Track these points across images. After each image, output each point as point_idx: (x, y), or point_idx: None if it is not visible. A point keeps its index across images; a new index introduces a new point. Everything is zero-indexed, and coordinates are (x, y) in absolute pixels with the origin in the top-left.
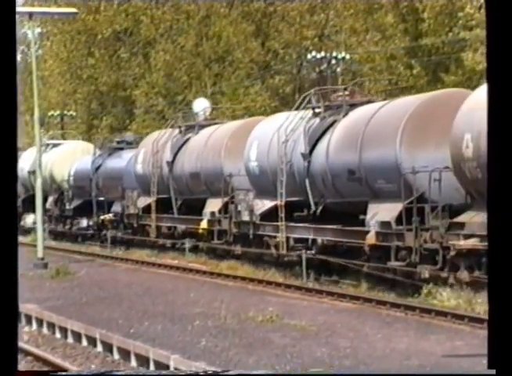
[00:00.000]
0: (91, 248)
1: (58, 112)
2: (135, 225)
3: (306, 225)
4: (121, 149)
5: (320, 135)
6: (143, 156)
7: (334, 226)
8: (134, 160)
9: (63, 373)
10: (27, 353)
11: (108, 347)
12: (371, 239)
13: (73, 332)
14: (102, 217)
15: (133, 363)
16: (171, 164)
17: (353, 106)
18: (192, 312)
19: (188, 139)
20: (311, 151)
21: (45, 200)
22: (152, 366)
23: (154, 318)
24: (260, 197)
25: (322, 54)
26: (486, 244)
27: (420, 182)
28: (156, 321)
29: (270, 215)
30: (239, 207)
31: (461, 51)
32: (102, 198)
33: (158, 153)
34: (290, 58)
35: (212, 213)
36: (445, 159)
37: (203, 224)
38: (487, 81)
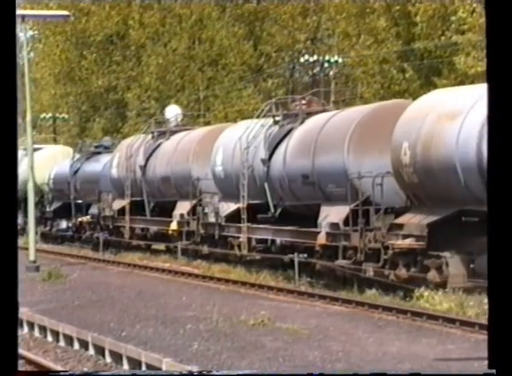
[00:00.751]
0: (83, 251)
1: (50, 115)
2: (111, 226)
3: (266, 226)
4: (99, 153)
5: (278, 142)
6: (118, 160)
7: (291, 228)
8: (109, 164)
9: (63, 373)
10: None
11: (100, 350)
12: (321, 239)
13: (64, 335)
14: (80, 219)
15: (125, 366)
16: (143, 168)
17: (309, 114)
18: (185, 315)
19: (159, 145)
20: (270, 157)
21: (25, 202)
22: (144, 369)
23: (146, 321)
24: (225, 200)
25: (315, 57)
26: (422, 243)
27: (365, 187)
28: (148, 324)
29: (234, 216)
30: (206, 210)
31: (453, 55)
32: (80, 201)
33: (132, 157)
34: (283, 61)
35: (181, 215)
36: (388, 165)
37: (173, 225)
38: (487, 81)
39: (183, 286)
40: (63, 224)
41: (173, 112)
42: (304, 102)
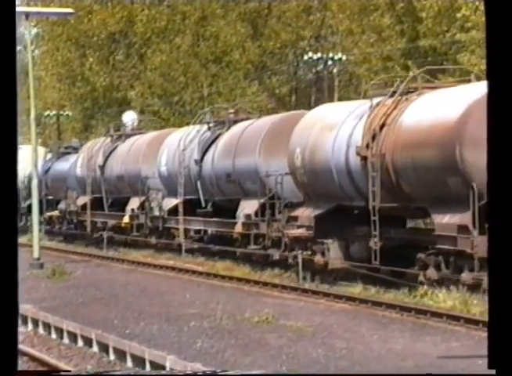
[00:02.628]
0: (87, 249)
1: (54, 112)
2: (75, 220)
3: (198, 218)
4: (68, 153)
5: (209, 145)
6: (81, 160)
7: (216, 219)
8: (75, 164)
9: (64, 373)
10: (23, 353)
11: (104, 347)
12: (238, 228)
13: (68, 332)
14: (49, 214)
15: (129, 363)
16: (102, 168)
17: (235, 121)
18: (188, 312)
19: (116, 147)
20: (202, 158)
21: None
22: (148, 367)
23: (150, 319)
24: (169, 196)
25: (319, 55)
26: (310, 232)
27: (272, 184)
28: (152, 322)
29: (176, 210)
30: (152, 204)
31: (458, 53)
32: (50, 197)
33: (92, 158)
34: (287, 59)
35: (132, 210)
36: None
37: (126, 219)
38: (487, 81)
39: (187, 283)
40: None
41: (130, 117)
42: (232, 110)
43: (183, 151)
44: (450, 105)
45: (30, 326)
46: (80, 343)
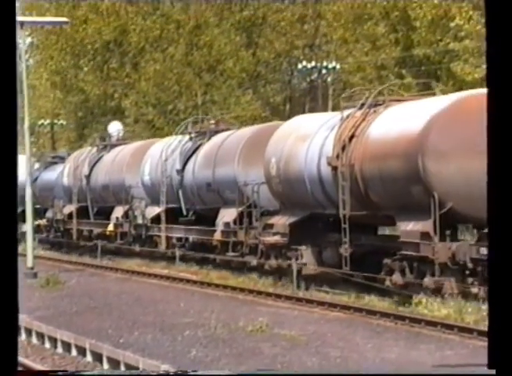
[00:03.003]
0: (81, 258)
1: (48, 121)
2: (62, 228)
3: (180, 226)
4: (55, 163)
5: (191, 155)
6: (68, 170)
7: (197, 227)
8: (61, 173)
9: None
10: None
11: (98, 357)
12: (217, 236)
13: (62, 342)
14: (36, 222)
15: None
16: (88, 177)
17: (216, 132)
18: (183, 321)
19: (101, 157)
20: (183, 168)
21: None
22: None
23: (144, 328)
24: (152, 205)
25: (313, 64)
26: (285, 239)
27: (250, 193)
28: (146, 331)
29: (159, 218)
30: (136, 213)
31: (451, 61)
32: (38, 206)
33: (78, 167)
34: (281, 67)
35: (117, 218)
36: None
37: (110, 227)
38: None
39: (181, 292)
40: (24, 227)
41: (115, 128)
42: (212, 121)
43: (165, 161)
44: (413, 118)
45: (23, 335)
46: (74, 352)
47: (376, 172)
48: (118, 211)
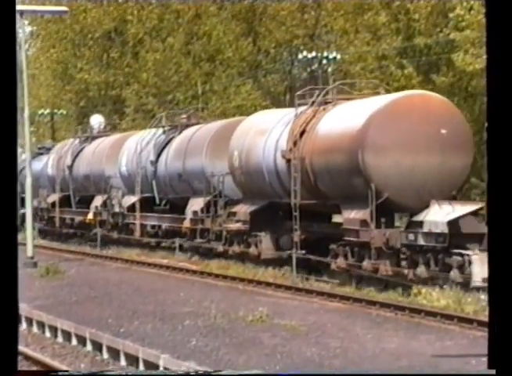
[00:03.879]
0: (80, 247)
1: (48, 110)
2: (46, 217)
3: (153, 214)
4: (41, 154)
5: (163, 148)
6: (52, 161)
7: (168, 215)
8: (46, 163)
9: (63, 373)
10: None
11: (98, 346)
12: (186, 223)
13: (62, 331)
14: (22, 211)
15: (123, 362)
16: (70, 167)
17: (187, 126)
18: (183, 311)
19: (83, 148)
20: (157, 159)
21: None
22: (141, 366)
23: (144, 317)
24: (128, 194)
25: (313, 54)
26: (246, 226)
27: (216, 183)
28: (146, 320)
29: (135, 207)
30: (113, 202)
31: (452, 52)
32: (24, 195)
33: (62, 158)
34: (281, 57)
35: (96, 207)
36: None
37: (90, 215)
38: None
39: (181, 282)
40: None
41: (96, 120)
42: (184, 116)
43: (140, 153)
44: (355, 116)
45: (24, 325)
46: (74, 342)
47: (324, 165)
48: (98, 200)
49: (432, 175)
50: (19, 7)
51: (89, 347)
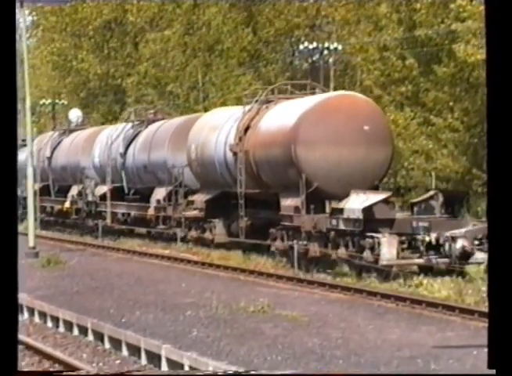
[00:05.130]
0: (82, 238)
1: (49, 101)
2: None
3: (123, 203)
4: (25, 146)
5: (131, 141)
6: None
7: (135, 204)
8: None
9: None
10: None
11: (99, 336)
12: (150, 211)
13: (64, 321)
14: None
15: (124, 352)
16: (49, 158)
17: (153, 121)
18: (184, 302)
19: (61, 140)
20: (125, 152)
21: None
22: (143, 356)
23: (146, 308)
24: (101, 184)
25: (315, 45)
26: (202, 213)
27: (177, 174)
28: (147, 311)
29: (106, 196)
30: (87, 191)
31: (453, 42)
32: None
33: (41, 150)
34: (282, 47)
35: (72, 196)
36: None
37: (67, 204)
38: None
39: (182, 272)
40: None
41: (75, 114)
42: (151, 111)
43: (111, 146)
44: (290, 114)
45: (25, 314)
46: (75, 332)
47: (264, 158)
48: (74, 190)
49: (357, 166)
50: None
51: (91, 337)
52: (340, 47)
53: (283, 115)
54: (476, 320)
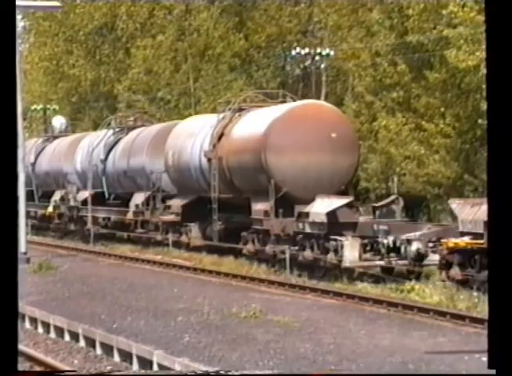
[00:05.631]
0: (74, 243)
1: (41, 106)
2: None
3: (103, 207)
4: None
5: (112, 147)
6: None
7: (115, 208)
8: None
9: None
10: None
11: (91, 342)
12: (129, 215)
13: (55, 327)
14: None
15: (116, 358)
16: (33, 164)
17: (133, 128)
18: (176, 307)
19: (45, 147)
20: (106, 158)
21: None
22: (135, 362)
23: (137, 313)
24: (82, 189)
25: (306, 50)
26: (179, 217)
27: (155, 179)
28: (139, 316)
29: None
30: (69, 196)
31: (445, 48)
32: None
33: (26, 156)
34: (274, 52)
35: (55, 201)
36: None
37: (50, 209)
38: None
39: (174, 278)
40: None
41: (58, 121)
42: (131, 119)
43: (92, 152)
44: (261, 121)
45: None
46: (67, 338)
47: (237, 164)
48: (57, 195)
49: (324, 172)
50: None
51: (82, 343)
52: (332, 53)
53: (254, 123)
54: (467, 326)
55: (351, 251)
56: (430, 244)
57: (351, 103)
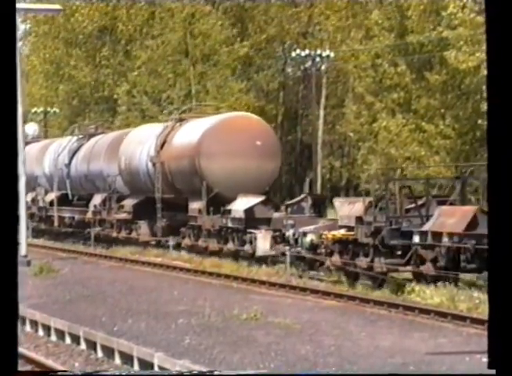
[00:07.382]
0: (74, 246)
1: (41, 109)
2: None
3: (68, 208)
4: None
5: (75, 152)
6: None
7: (77, 208)
8: None
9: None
10: None
11: (92, 345)
12: (89, 215)
13: (56, 330)
14: None
15: (117, 360)
16: None
17: (94, 135)
18: (176, 309)
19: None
20: (70, 162)
21: None
22: (136, 364)
23: (138, 316)
24: (50, 191)
25: (307, 52)
26: (130, 216)
27: (111, 182)
28: (140, 319)
29: (57, 201)
30: (39, 198)
31: (445, 50)
32: None
33: None
34: (275, 54)
35: (27, 202)
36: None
37: None
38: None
39: (175, 280)
40: None
41: (32, 128)
42: (92, 126)
43: (58, 157)
44: (196, 130)
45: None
46: (68, 340)
47: (176, 168)
48: (28, 197)
49: (250, 175)
50: None
51: (83, 346)
52: (332, 54)
53: (191, 132)
54: (468, 327)
55: (263, 243)
56: (323, 236)
57: (351, 105)
